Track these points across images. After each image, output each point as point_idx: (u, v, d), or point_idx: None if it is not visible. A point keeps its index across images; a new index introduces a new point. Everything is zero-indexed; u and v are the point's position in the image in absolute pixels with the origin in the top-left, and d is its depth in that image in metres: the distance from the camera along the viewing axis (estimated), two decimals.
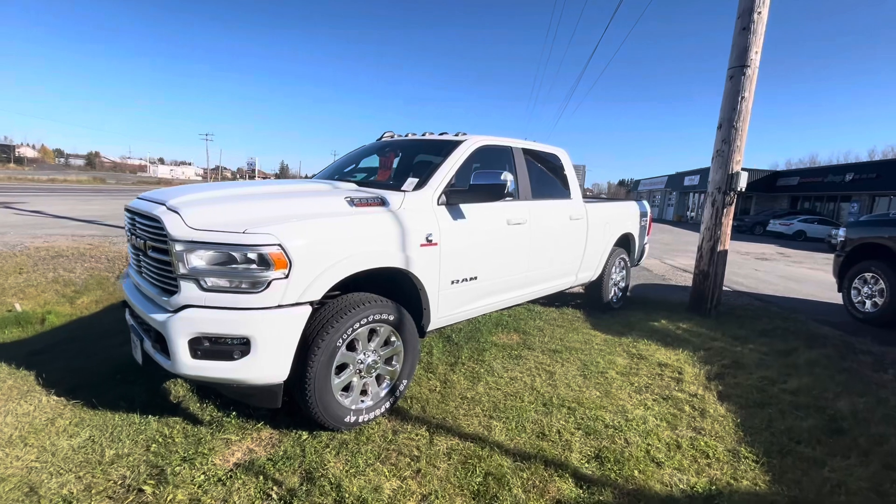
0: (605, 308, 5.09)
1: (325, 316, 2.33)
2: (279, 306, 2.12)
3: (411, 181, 2.96)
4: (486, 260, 3.24)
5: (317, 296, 2.23)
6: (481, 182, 2.88)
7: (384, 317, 2.54)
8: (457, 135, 3.51)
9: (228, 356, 2.09)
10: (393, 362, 2.73)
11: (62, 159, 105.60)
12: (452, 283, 3.01)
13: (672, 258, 11.09)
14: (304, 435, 2.46)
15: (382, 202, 2.64)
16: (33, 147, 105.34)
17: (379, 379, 2.69)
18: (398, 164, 3.63)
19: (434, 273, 2.83)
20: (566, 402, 2.94)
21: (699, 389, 3.21)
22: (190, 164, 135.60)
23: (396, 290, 2.78)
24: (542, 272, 3.90)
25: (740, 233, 24.43)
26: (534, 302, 5.16)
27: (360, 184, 3.16)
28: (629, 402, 3.00)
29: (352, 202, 2.53)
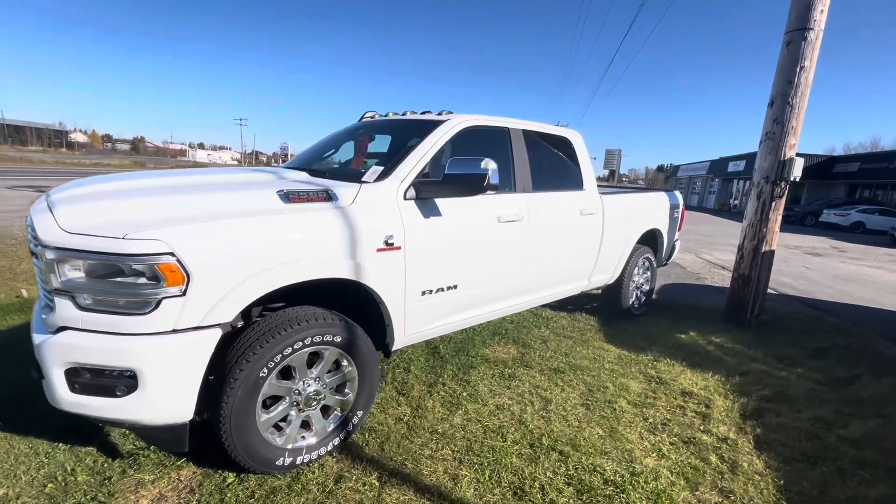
0: (624, 315, 4.44)
1: (245, 340, 1.88)
2: (174, 331, 1.67)
3: (375, 170, 2.44)
4: (470, 265, 2.70)
5: (227, 317, 1.77)
6: (456, 172, 2.33)
7: (328, 338, 2.06)
8: (440, 114, 2.95)
9: (111, 392, 1.67)
10: (345, 390, 2.26)
11: (109, 144, 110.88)
12: (424, 293, 2.49)
13: (710, 252, 10.13)
14: (231, 478, 2.04)
15: (328, 197, 2.14)
16: (84, 132, 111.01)
17: (326, 410, 2.24)
18: (372, 149, 3.11)
19: (397, 283, 2.33)
20: (559, 442, 2.39)
21: (731, 431, 2.58)
22: (229, 148, 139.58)
23: (352, 302, 2.30)
24: (544, 277, 3.32)
25: (789, 223, 22.58)
26: (543, 306, 4.58)
27: (314, 173, 2.67)
28: (639, 446, 2.42)
29: (286, 197, 2.04)
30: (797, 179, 4.23)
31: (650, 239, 4.66)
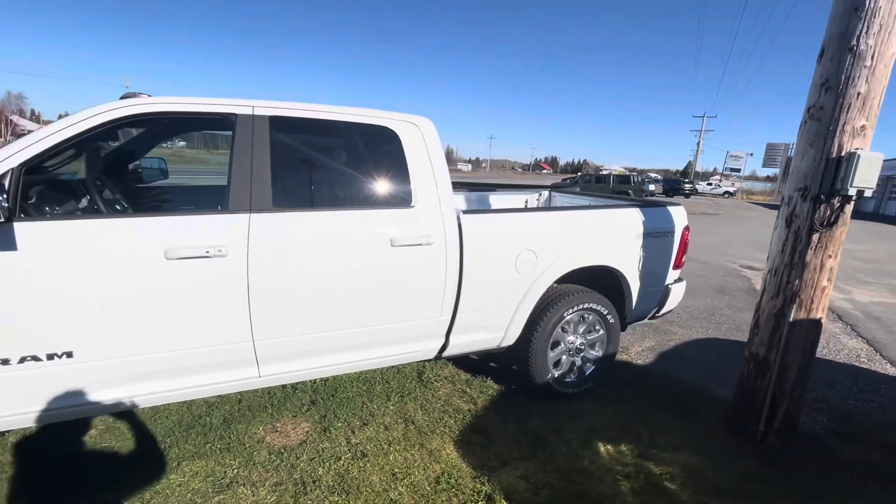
0: (540, 393, 2.93)
1: None
2: None
3: None
4: (100, 324, 1.80)
5: None
6: None
7: None
8: (125, 95, 2.07)
9: None
10: None
11: None
12: None
13: (858, 287, 6.94)
14: None
15: None
16: None
17: None
18: None
19: None
20: None
21: None
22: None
23: None
24: (314, 339, 2.20)
25: None
26: (447, 359, 3.30)
27: None
28: None
29: None
30: (865, 195, 2.23)
31: (606, 281, 3.03)
